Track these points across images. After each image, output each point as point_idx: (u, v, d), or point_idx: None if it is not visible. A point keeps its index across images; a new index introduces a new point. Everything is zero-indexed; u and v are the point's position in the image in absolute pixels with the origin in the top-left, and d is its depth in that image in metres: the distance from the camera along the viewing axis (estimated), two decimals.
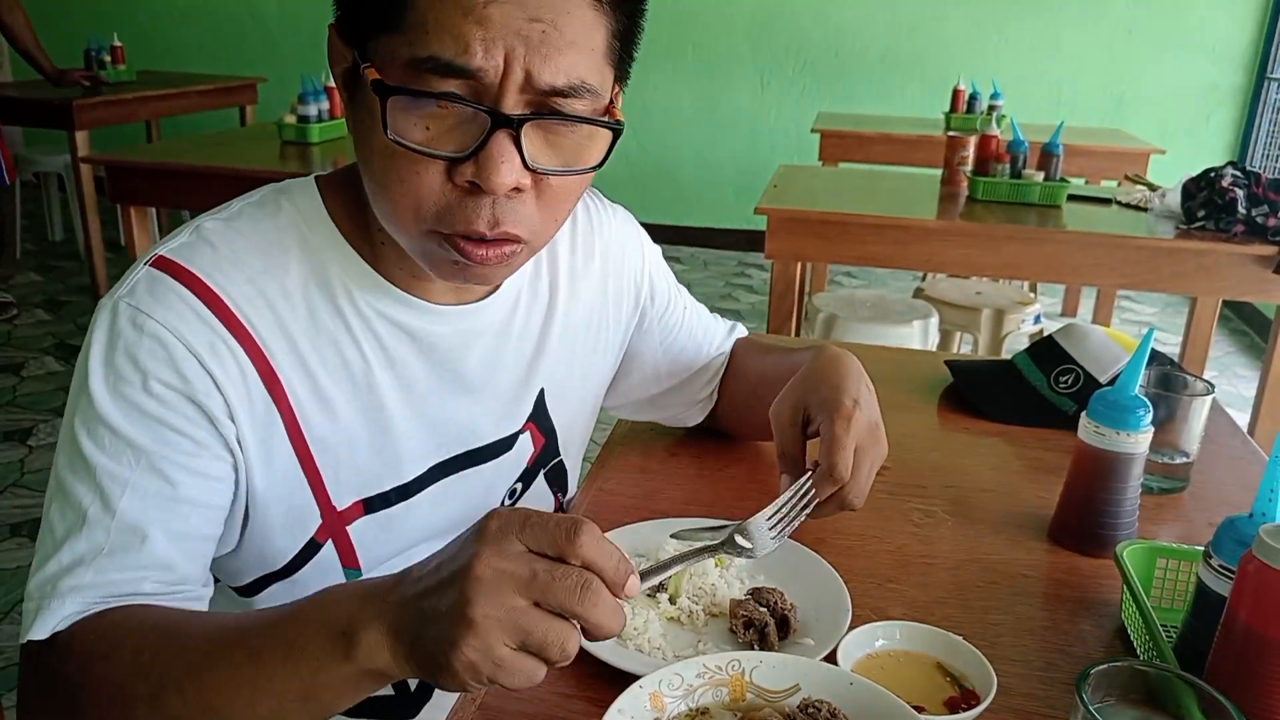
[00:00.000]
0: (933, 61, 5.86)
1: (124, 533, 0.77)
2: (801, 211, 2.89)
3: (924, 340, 3.10)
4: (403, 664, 0.64)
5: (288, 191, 0.89)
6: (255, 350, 0.83)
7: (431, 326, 0.92)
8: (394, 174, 0.76)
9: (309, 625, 0.67)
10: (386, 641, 0.64)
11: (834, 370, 1.03)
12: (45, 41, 4.65)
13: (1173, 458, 1.20)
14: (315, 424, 0.87)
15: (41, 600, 0.75)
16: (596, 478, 1.20)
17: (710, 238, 6.38)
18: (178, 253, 0.83)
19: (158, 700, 0.70)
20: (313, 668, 0.66)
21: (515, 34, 0.71)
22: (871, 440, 0.98)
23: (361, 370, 0.89)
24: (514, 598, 0.60)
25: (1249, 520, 0.80)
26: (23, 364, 4.06)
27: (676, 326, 1.19)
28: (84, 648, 0.74)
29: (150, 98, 5.13)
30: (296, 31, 6.47)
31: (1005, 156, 3.09)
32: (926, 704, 0.79)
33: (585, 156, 0.78)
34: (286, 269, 0.86)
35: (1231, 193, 2.70)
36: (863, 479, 0.97)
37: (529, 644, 0.60)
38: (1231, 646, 0.73)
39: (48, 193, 5.75)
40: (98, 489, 0.77)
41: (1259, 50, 5.59)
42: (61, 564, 0.76)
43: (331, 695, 0.67)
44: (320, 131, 3.71)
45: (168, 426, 0.79)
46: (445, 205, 0.76)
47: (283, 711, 0.68)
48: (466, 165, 0.74)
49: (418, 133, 0.74)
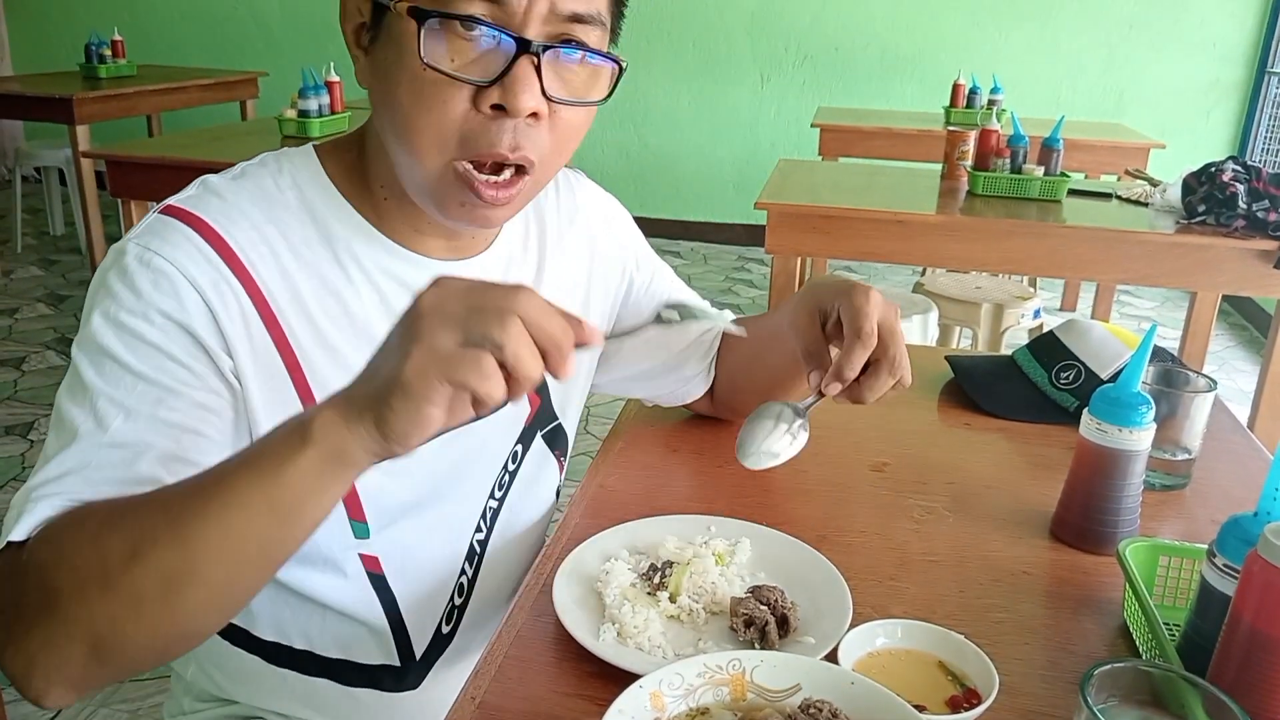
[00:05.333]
0: (932, 57, 5.85)
1: (115, 449, 0.77)
2: (802, 206, 2.89)
3: (924, 335, 3.10)
4: (356, 428, 0.65)
5: (287, 155, 0.94)
6: (257, 293, 0.87)
7: (429, 277, 0.94)
8: (422, 103, 0.81)
9: (270, 436, 0.70)
10: (339, 412, 0.66)
11: (836, 276, 1.06)
12: (46, 35, 4.65)
13: (1175, 454, 1.20)
14: (319, 368, 0.90)
15: (24, 505, 0.75)
16: (597, 474, 1.19)
17: (710, 232, 6.37)
18: (186, 202, 0.87)
19: (134, 553, 0.68)
20: (275, 466, 0.67)
21: None
22: (894, 314, 0.99)
23: (364, 321, 0.92)
24: (455, 306, 0.63)
25: (1254, 519, 0.80)
26: (24, 358, 4.06)
27: (664, 295, 1.22)
28: (56, 532, 0.73)
29: (151, 92, 5.13)
30: (297, 26, 6.47)
31: (1005, 151, 3.08)
32: (928, 703, 0.78)
33: (593, 91, 0.87)
34: (288, 223, 0.90)
35: (1232, 187, 2.69)
36: (900, 341, 0.98)
37: (471, 335, 0.62)
38: (1236, 647, 0.73)
39: (48, 187, 5.74)
40: (93, 410, 0.78)
41: (1259, 45, 5.58)
42: (48, 474, 0.76)
43: (295, 494, 0.67)
44: (321, 126, 3.70)
45: (166, 355, 0.81)
46: (469, 130, 0.82)
47: (253, 526, 0.68)
48: (492, 90, 0.80)
49: (445, 62, 0.80)
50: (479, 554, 1.09)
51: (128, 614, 0.68)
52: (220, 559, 0.69)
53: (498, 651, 0.87)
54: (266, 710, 1.08)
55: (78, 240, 5.37)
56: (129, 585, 0.68)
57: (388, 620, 1.04)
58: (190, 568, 0.68)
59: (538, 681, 0.83)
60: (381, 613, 1.03)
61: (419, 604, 1.05)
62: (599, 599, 0.91)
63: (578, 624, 0.86)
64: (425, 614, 1.07)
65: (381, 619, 1.03)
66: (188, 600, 0.69)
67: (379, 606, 1.02)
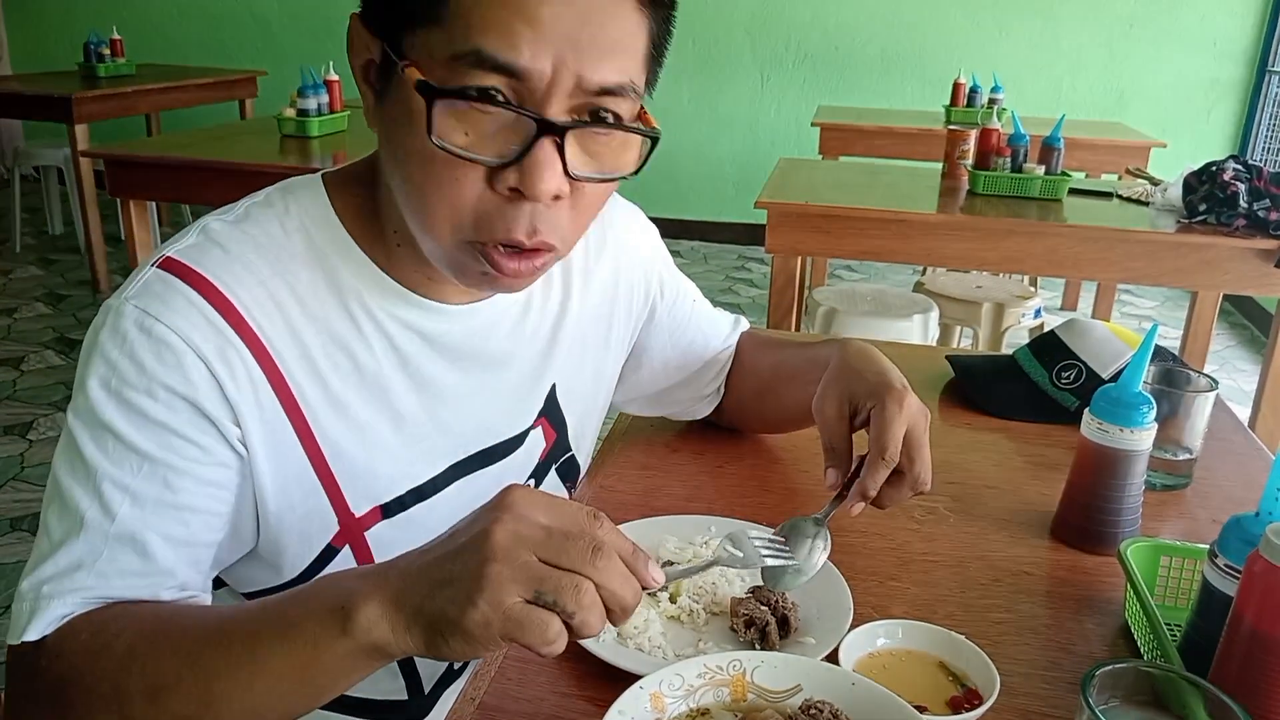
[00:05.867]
0: (932, 56, 5.85)
1: (123, 539, 0.75)
2: (802, 205, 2.89)
3: (924, 334, 3.09)
4: (403, 636, 0.63)
5: (293, 191, 0.87)
6: (265, 356, 0.81)
7: (445, 325, 0.91)
8: (433, 180, 0.74)
9: (307, 604, 0.67)
10: (387, 613, 0.63)
11: (872, 359, 1.03)
12: (45, 34, 4.65)
13: (1176, 454, 1.20)
14: (329, 429, 0.86)
15: (36, 601, 0.74)
16: (597, 474, 1.19)
17: (710, 231, 6.37)
18: (186, 254, 0.81)
19: (154, 695, 0.68)
20: (310, 645, 0.65)
21: (564, 37, 0.70)
22: (924, 423, 0.97)
23: (374, 373, 0.88)
24: (529, 555, 0.60)
25: (1255, 519, 0.79)
26: (23, 358, 4.05)
27: (685, 319, 1.18)
28: (76, 645, 0.72)
29: (150, 91, 5.13)
30: (296, 25, 6.46)
31: (1006, 150, 3.08)
32: (929, 704, 0.78)
33: (621, 163, 0.78)
34: (296, 273, 0.84)
35: (1233, 186, 2.69)
36: (926, 457, 0.96)
37: (543, 595, 0.60)
38: (1237, 647, 0.72)
39: (47, 186, 5.73)
40: (97, 494, 0.75)
41: (1260, 44, 5.57)
42: (58, 566, 0.74)
43: (328, 675, 0.67)
44: (320, 125, 3.70)
45: (172, 432, 0.77)
46: (484, 212, 0.75)
47: (280, 693, 0.67)
48: (509, 172, 0.73)
49: (458, 136, 0.72)
50: None
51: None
52: (240, 716, 0.68)
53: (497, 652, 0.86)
54: None
55: (77, 240, 5.37)
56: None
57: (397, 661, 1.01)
58: (209, 718, 0.68)
59: (538, 682, 0.83)
60: None
61: None
62: None
63: None
64: None
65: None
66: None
67: None
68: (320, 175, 0.89)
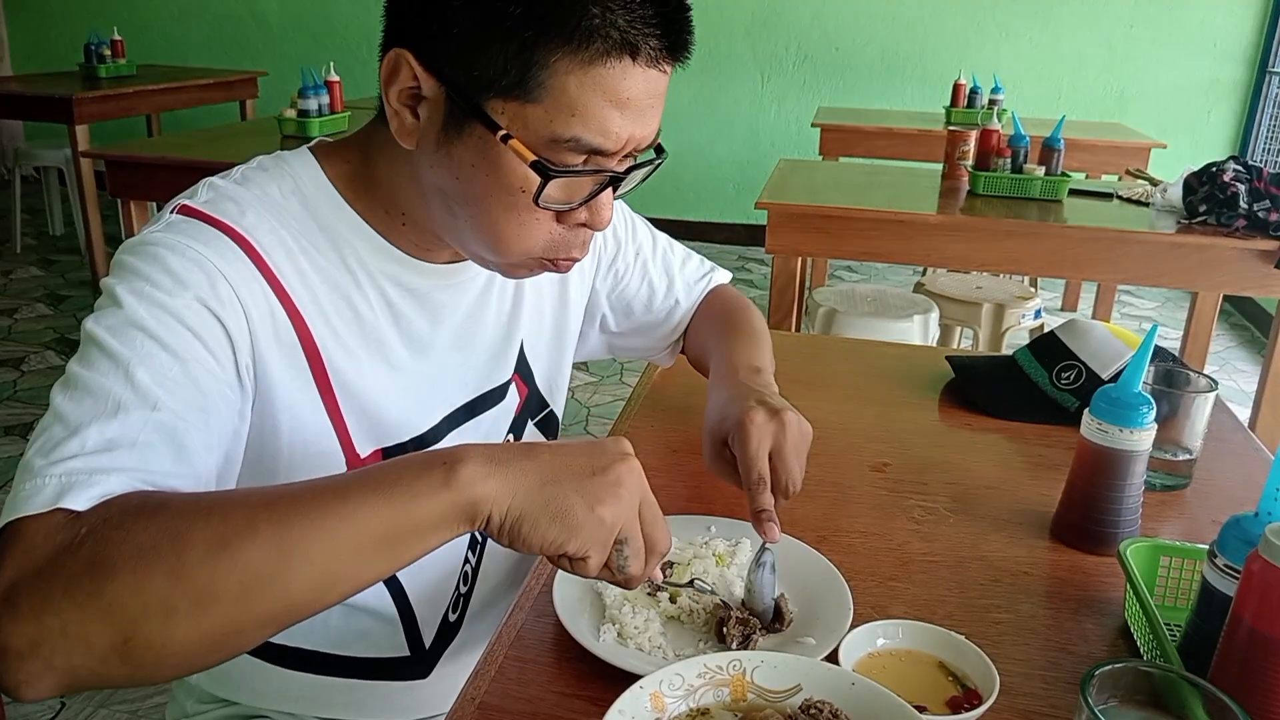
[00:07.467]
0: (933, 57, 5.85)
1: (163, 430, 0.72)
2: (802, 206, 2.89)
3: (924, 335, 3.09)
4: (503, 503, 0.67)
5: (284, 159, 0.93)
6: (284, 294, 0.86)
7: (430, 282, 0.98)
8: (513, 222, 0.84)
9: (403, 463, 0.69)
10: (488, 473, 0.67)
11: (729, 388, 1.07)
12: (46, 34, 4.65)
13: (1175, 454, 1.20)
14: (341, 370, 0.91)
15: (67, 476, 0.66)
16: None
17: (711, 232, 6.37)
18: (204, 205, 0.85)
19: (223, 544, 0.62)
20: (406, 496, 0.66)
21: (638, 114, 0.82)
22: (779, 428, 0.98)
23: (372, 324, 0.94)
24: (634, 512, 0.73)
25: (1254, 519, 0.79)
26: (23, 359, 4.05)
27: (627, 272, 1.25)
28: (126, 506, 0.65)
29: (150, 92, 5.13)
30: (296, 26, 6.46)
31: (1006, 151, 3.08)
32: (928, 704, 0.78)
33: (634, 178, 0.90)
34: (296, 229, 0.89)
35: (1233, 187, 2.69)
36: (791, 467, 0.97)
37: (623, 550, 0.72)
38: (1237, 648, 0.73)
39: (48, 187, 5.74)
40: (129, 381, 0.72)
41: (1260, 45, 5.57)
42: (86, 444, 0.68)
43: (418, 533, 0.66)
44: (320, 126, 3.70)
45: (200, 342, 0.78)
46: (553, 241, 0.87)
47: (362, 548, 0.65)
48: (579, 211, 0.86)
49: (554, 193, 0.83)
50: (480, 541, 1.11)
51: (188, 608, 0.61)
52: (311, 573, 0.64)
53: (498, 652, 0.86)
54: (270, 710, 1.08)
55: (77, 240, 5.37)
56: (204, 578, 0.61)
57: (398, 611, 1.05)
58: (278, 574, 0.63)
59: (538, 682, 0.83)
60: (392, 604, 1.04)
61: (426, 593, 1.06)
62: (599, 599, 0.91)
63: (578, 624, 0.86)
64: (433, 603, 1.08)
65: (392, 609, 1.04)
66: (257, 609, 0.63)
67: (389, 598, 1.04)
68: (306, 147, 0.95)
